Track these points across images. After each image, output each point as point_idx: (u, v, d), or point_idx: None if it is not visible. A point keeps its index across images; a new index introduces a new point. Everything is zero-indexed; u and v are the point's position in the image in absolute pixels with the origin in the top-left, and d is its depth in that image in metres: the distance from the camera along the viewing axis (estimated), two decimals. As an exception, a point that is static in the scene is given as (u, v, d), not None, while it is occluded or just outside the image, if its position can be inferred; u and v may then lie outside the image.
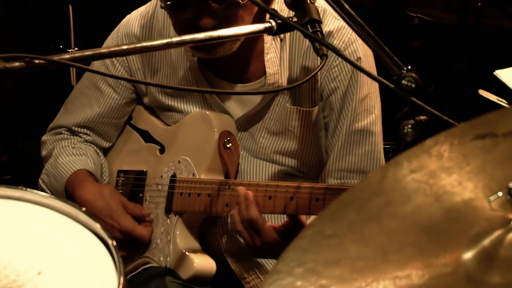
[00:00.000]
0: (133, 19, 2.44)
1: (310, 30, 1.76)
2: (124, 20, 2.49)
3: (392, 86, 1.50)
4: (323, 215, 1.13)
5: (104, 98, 2.49)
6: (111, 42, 2.48)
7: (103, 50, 1.66)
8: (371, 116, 2.29)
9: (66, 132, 2.55)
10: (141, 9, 2.46)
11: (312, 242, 1.09)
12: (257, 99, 2.32)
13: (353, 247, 1.07)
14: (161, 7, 2.16)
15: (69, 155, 2.48)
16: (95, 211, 2.34)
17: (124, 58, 2.44)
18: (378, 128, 2.30)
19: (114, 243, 1.34)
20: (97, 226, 1.39)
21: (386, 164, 1.17)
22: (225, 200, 2.22)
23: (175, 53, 2.38)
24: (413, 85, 1.48)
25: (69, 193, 2.43)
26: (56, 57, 1.50)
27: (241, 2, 2.07)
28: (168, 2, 2.11)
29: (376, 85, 2.31)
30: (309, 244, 1.09)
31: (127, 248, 2.38)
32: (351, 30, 2.22)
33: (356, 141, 2.28)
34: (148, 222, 2.38)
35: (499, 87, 2.10)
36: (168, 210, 2.35)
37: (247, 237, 2.16)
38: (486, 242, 1.03)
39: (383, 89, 2.30)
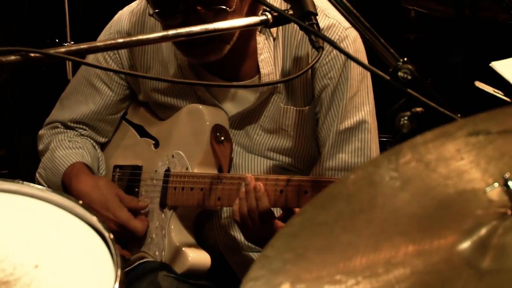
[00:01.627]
0: (125, 16, 2.42)
1: (306, 23, 1.75)
2: (116, 17, 2.47)
3: (388, 78, 1.50)
4: (312, 204, 1.13)
5: (99, 95, 2.48)
6: (104, 39, 2.46)
7: (98, 43, 1.65)
8: (360, 114, 2.27)
9: (62, 127, 2.55)
10: (133, 5, 2.44)
11: (301, 228, 1.09)
12: (252, 97, 2.32)
13: (343, 235, 1.07)
14: (150, 15, 2.15)
15: (65, 148, 2.48)
16: (91, 203, 2.33)
17: (117, 55, 2.43)
18: (369, 124, 2.28)
19: (111, 236, 1.34)
20: (94, 219, 1.39)
21: (377, 157, 1.18)
22: (217, 194, 2.22)
23: (166, 51, 2.37)
24: (409, 77, 1.48)
25: (65, 185, 2.43)
26: (52, 51, 1.50)
27: (229, 10, 2.07)
28: (156, 10, 2.11)
29: (367, 82, 2.29)
30: (298, 231, 1.09)
31: (125, 244, 2.38)
32: (341, 28, 2.22)
33: (345, 139, 2.27)
34: (144, 217, 2.38)
35: (495, 79, 2.10)
36: (162, 205, 2.35)
37: (250, 226, 2.12)
38: (481, 231, 1.03)
39: (379, 81, 2.30)
